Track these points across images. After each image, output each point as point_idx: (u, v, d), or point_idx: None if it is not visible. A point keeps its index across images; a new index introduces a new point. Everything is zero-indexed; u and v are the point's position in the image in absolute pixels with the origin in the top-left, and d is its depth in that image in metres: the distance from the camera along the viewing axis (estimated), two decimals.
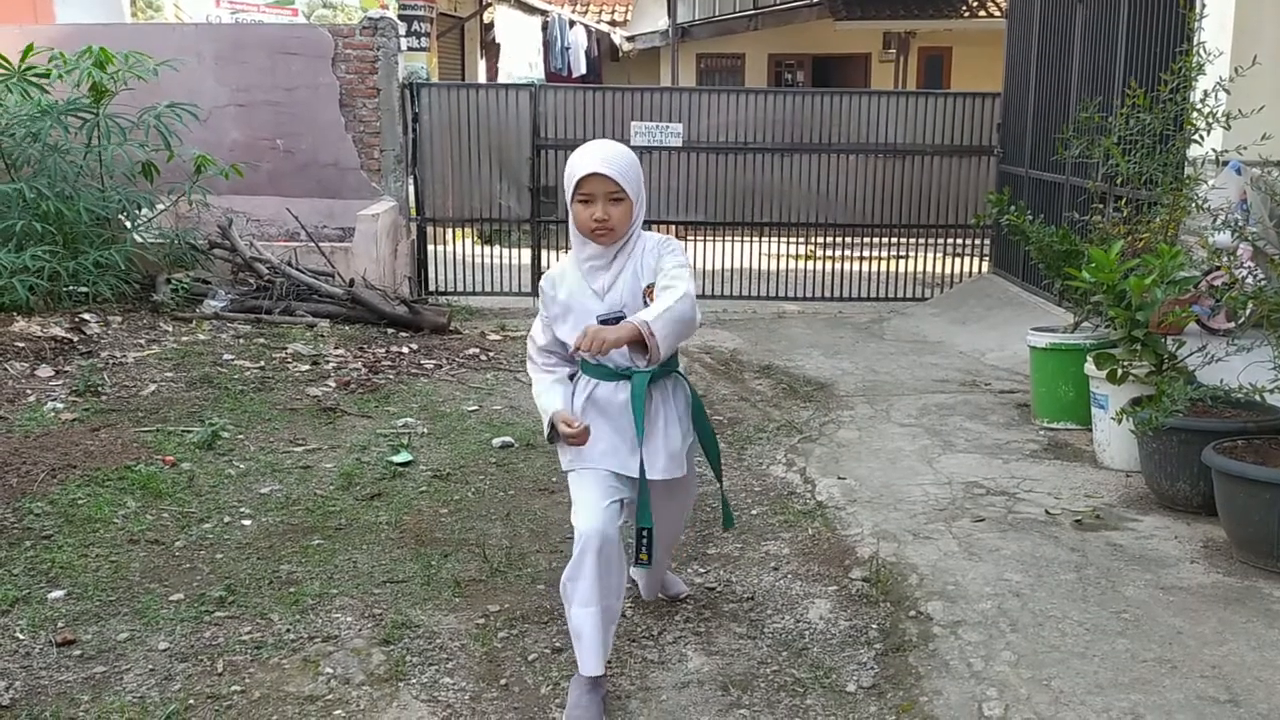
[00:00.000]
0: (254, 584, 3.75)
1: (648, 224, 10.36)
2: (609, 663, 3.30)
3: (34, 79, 7.42)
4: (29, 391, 5.71)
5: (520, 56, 15.86)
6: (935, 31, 16.92)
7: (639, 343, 2.78)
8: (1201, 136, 5.10)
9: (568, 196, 2.98)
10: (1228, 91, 4.97)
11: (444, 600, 3.67)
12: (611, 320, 2.89)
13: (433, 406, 6.01)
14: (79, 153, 7.61)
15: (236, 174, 8.19)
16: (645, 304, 2.94)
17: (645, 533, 2.99)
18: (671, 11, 16.27)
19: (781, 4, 16.97)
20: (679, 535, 3.69)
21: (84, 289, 7.23)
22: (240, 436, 5.30)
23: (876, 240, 10.24)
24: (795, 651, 3.38)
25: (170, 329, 7.25)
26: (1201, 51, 5.18)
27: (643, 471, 3.01)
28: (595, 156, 2.92)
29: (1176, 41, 5.94)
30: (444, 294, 9.69)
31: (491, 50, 16.15)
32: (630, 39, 17.92)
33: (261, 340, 7.17)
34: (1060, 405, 5.58)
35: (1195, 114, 5.05)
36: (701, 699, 3.11)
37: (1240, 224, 4.65)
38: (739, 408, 6.15)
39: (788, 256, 10.25)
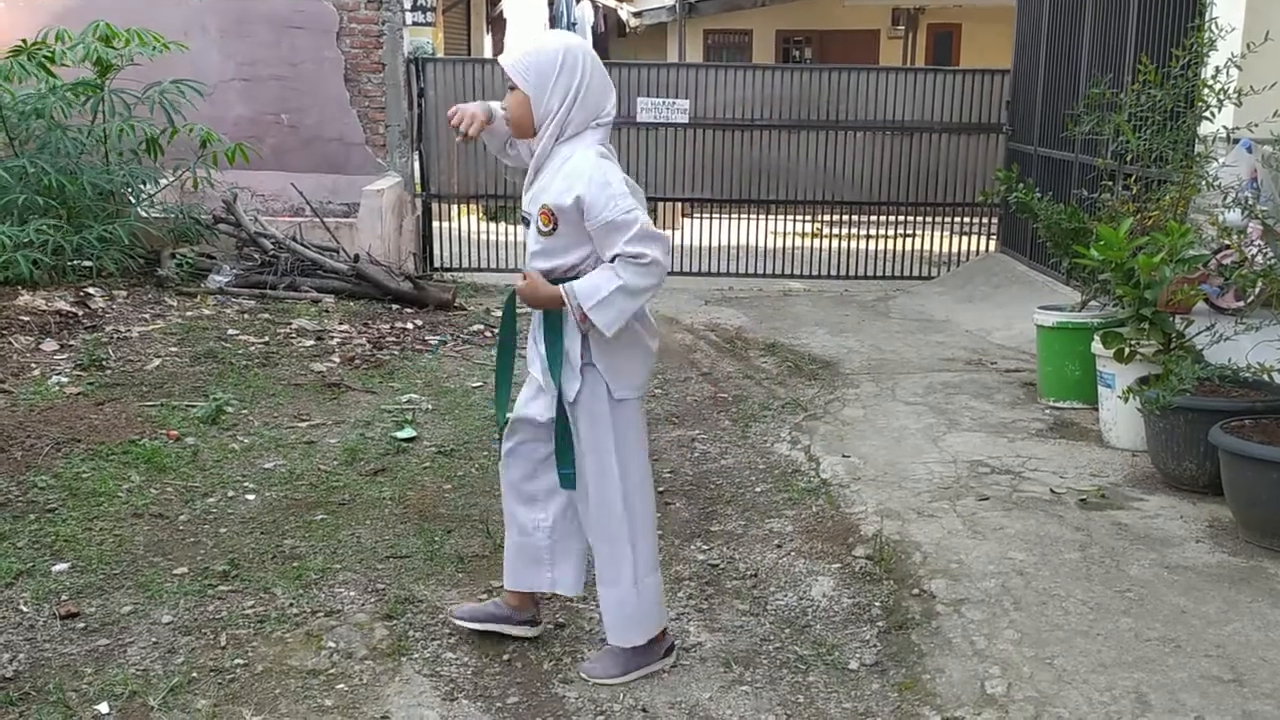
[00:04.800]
0: (257, 558, 3.76)
1: (653, 200, 10.34)
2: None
3: (42, 58, 7.38)
4: (34, 365, 5.71)
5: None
6: (945, 8, 16.76)
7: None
8: (1213, 113, 5.05)
9: None
10: (1239, 68, 4.92)
11: (447, 576, 3.67)
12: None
13: (437, 383, 6.00)
14: (84, 129, 7.59)
15: (243, 158, 8.14)
16: (539, 225, 2.87)
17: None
18: None
19: None
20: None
21: (88, 263, 7.22)
22: (244, 411, 5.30)
23: (883, 218, 10.19)
24: (798, 629, 3.38)
25: (175, 304, 7.24)
26: (1213, 27, 5.12)
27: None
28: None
29: (1188, 17, 5.87)
30: (449, 270, 9.66)
31: (498, 25, 16.06)
32: (637, 15, 17.79)
33: (266, 316, 7.16)
34: (1066, 384, 5.55)
35: (1206, 90, 5.01)
36: (704, 675, 3.11)
37: (1251, 202, 4.62)
38: (744, 385, 6.14)
39: (794, 234, 10.20)
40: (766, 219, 9.99)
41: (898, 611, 3.42)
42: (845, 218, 10.13)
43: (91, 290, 7.02)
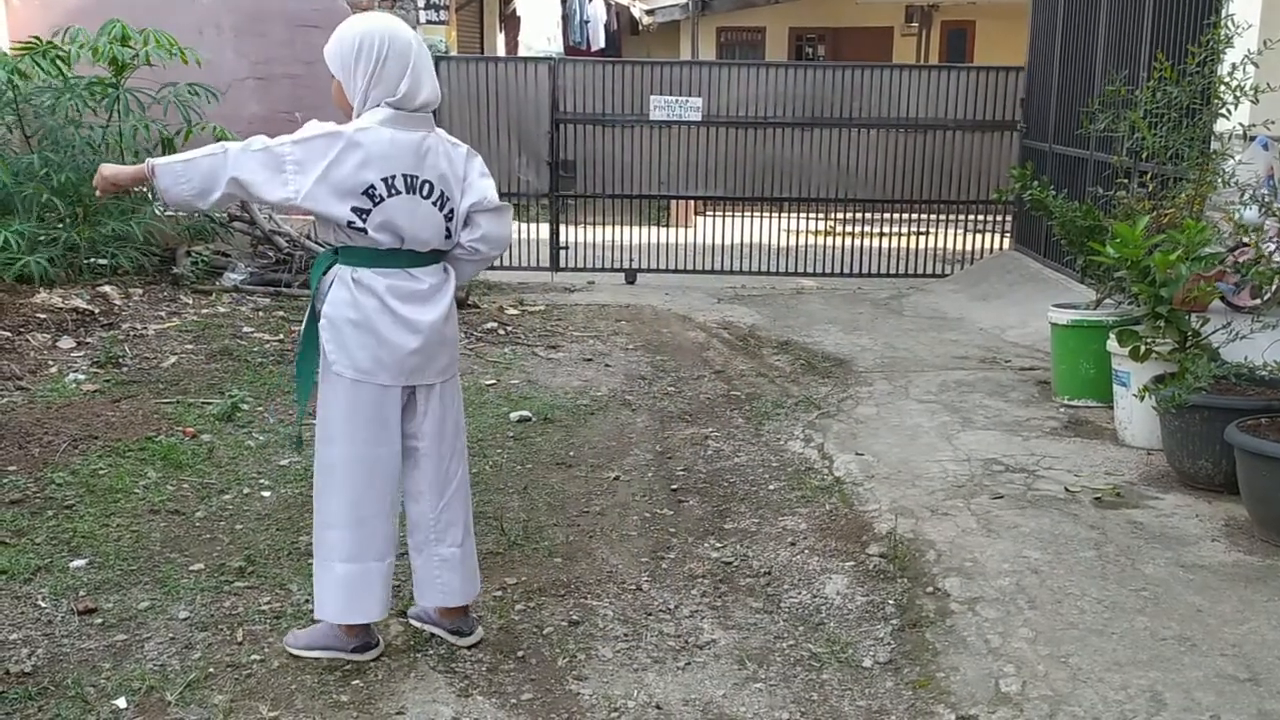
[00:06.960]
0: (273, 554, 3.78)
1: (667, 198, 10.31)
2: (627, 635, 3.31)
3: (57, 57, 7.43)
4: (51, 363, 5.75)
5: (539, 30, 15.76)
6: (958, 4, 16.70)
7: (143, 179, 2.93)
8: (1229, 110, 5.03)
9: None
10: (1256, 65, 4.90)
11: None
12: None
13: None
14: (98, 127, 7.62)
15: None
16: None
17: None
18: None
19: None
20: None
21: (104, 261, 7.26)
22: (259, 408, 5.32)
23: (897, 216, 10.17)
24: (812, 626, 3.38)
25: (190, 301, 7.28)
26: (1230, 24, 5.10)
27: None
28: None
29: (1204, 13, 5.84)
30: None
31: (511, 23, 16.10)
32: (650, 12, 17.78)
33: (280, 313, 7.19)
34: (1081, 382, 5.53)
35: (1223, 87, 4.98)
36: (718, 673, 3.11)
37: (1268, 199, 4.60)
38: (757, 383, 6.13)
39: (807, 232, 10.19)
40: (779, 217, 9.97)
41: (912, 609, 3.42)
42: (858, 215, 10.12)
43: (108, 288, 7.06)
